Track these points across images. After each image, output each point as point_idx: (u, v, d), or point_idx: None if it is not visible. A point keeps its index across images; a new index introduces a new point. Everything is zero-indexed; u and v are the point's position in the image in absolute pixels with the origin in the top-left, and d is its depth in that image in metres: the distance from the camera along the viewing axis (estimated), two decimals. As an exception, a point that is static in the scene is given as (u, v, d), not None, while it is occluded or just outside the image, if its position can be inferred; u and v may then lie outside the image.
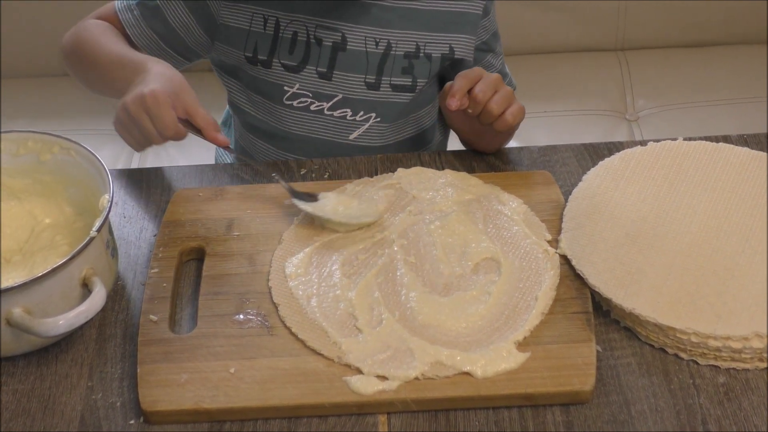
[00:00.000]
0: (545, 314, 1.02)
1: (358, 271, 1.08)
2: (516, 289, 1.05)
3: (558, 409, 0.97)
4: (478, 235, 1.10)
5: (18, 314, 0.97)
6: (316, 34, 1.27)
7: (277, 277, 1.08)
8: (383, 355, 0.99)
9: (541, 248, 1.08)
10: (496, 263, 1.07)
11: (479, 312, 1.03)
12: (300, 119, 1.32)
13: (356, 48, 1.27)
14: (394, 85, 1.29)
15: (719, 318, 0.99)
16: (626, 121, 1.96)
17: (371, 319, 1.03)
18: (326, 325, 1.02)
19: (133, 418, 0.98)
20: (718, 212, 1.10)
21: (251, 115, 1.35)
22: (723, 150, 1.17)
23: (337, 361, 0.99)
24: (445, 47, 1.29)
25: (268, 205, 1.17)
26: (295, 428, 0.97)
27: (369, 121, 1.31)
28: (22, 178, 1.14)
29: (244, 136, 1.39)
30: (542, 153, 1.25)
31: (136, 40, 1.30)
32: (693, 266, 1.04)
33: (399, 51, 1.28)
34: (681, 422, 0.95)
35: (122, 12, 1.30)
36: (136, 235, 1.16)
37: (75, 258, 0.99)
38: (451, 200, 1.15)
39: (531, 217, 1.13)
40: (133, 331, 1.05)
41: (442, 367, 0.98)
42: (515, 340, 1.00)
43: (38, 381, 1.02)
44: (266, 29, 1.28)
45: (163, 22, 1.30)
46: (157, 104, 1.11)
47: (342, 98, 1.30)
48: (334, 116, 1.31)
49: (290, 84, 1.30)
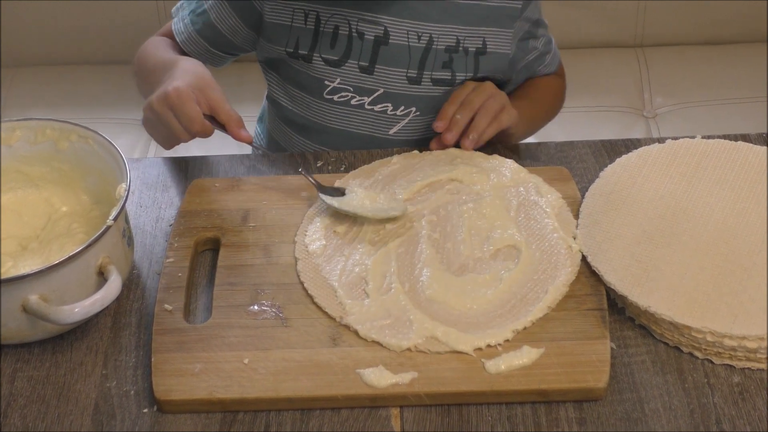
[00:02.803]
0: (552, 309, 1.02)
1: (384, 239, 1.09)
2: (529, 279, 1.05)
3: (571, 406, 0.97)
4: (506, 221, 1.11)
5: (34, 301, 0.98)
6: (359, 27, 1.27)
7: (303, 236, 1.10)
8: (382, 322, 1.01)
9: (566, 244, 1.08)
10: (516, 252, 1.08)
11: (486, 296, 1.03)
12: (340, 114, 1.32)
13: (399, 42, 1.27)
14: (435, 80, 1.29)
15: (736, 317, 0.98)
16: (644, 118, 1.95)
17: (381, 286, 1.04)
18: (337, 285, 1.04)
19: (147, 406, 0.98)
20: (735, 211, 1.09)
21: (289, 109, 1.35)
22: (741, 149, 1.17)
23: (339, 321, 1.01)
24: (479, 41, 1.29)
25: (284, 196, 1.17)
26: (307, 420, 0.97)
27: (409, 116, 1.31)
28: (39, 165, 1.14)
29: (279, 130, 1.39)
30: (559, 149, 1.25)
31: (185, 47, 1.34)
32: (710, 265, 1.03)
33: (440, 45, 1.28)
34: (695, 421, 0.95)
35: (175, 23, 1.36)
36: (152, 224, 1.17)
37: (91, 246, 1.00)
38: (491, 184, 1.15)
39: (565, 213, 1.12)
40: (147, 320, 1.06)
41: (436, 342, 0.99)
42: (514, 328, 1.00)
43: (53, 368, 1.02)
44: (307, 24, 1.28)
45: (211, 27, 1.33)
46: (181, 100, 1.12)
47: (383, 92, 1.30)
48: (375, 111, 1.31)
49: (331, 78, 1.30)
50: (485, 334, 0.99)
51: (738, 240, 1.06)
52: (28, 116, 1.15)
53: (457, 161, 1.19)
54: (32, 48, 2.06)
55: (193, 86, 1.13)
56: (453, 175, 1.17)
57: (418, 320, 1.01)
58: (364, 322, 1.01)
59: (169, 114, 1.13)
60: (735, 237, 1.06)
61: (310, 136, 1.35)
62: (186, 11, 1.35)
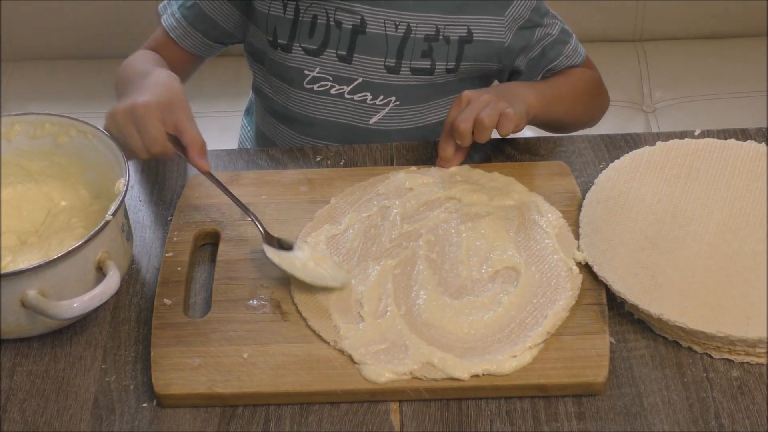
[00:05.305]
0: (551, 334, 0.99)
1: (378, 259, 1.07)
2: (528, 303, 1.02)
3: (570, 400, 0.97)
4: (505, 242, 1.08)
5: (33, 296, 0.98)
6: (336, 16, 1.27)
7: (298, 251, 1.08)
8: (378, 347, 0.99)
9: (567, 266, 1.05)
10: (515, 273, 1.05)
11: (485, 320, 1.01)
12: (320, 103, 1.32)
13: (376, 31, 1.27)
14: (414, 69, 1.29)
15: (749, 320, 0.98)
16: (643, 112, 1.95)
17: (377, 309, 1.03)
18: (332, 308, 1.02)
19: (146, 401, 0.98)
20: (734, 211, 1.09)
21: (273, 100, 1.35)
22: (733, 147, 1.16)
23: (333, 345, 0.99)
24: (463, 30, 1.28)
25: (283, 190, 1.17)
26: (306, 414, 0.97)
27: (389, 105, 1.31)
28: (39, 160, 1.14)
29: (265, 121, 1.39)
30: (558, 143, 1.24)
31: (180, 42, 1.34)
32: (715, 267, 1.03)
33: (419, 34, 1.27)
34: (694, 415, 0.95)
35: (166, 20, 1.35)
36: (151, 219, 1.17)
37: (90, 241, 1.00)
38: (491, 204, 1.13)
39: (565, 233, 1.09)
40: (147, 315, 1.06)
41: (432, 368, 0.97)
42: (512, 354, 0.98)
43: (52, 363, 1.02)
44: (286, 13, 1.28)
45: (204, 17, 1.33)
46: (146, 116, 1.07)
47: (362, 82, 1.30)
48: (355, 100, 1.31)
49: (310, 68, 1.30)
50: (483, 360, 0.97)
51: (740, 240, 1.05)
52: (27, 111, 1.15)
53: (455, 178, 1.16)
54: (32, 42, 2.05)
55: (162, 103, 1.09)
56: (451, 193, 1.14)
57: (414, 345, 0.99)
58: (359, 347, 0.99)
59: (131, 129, 1.08)
60: (737, 237, 1.06)
61: (294, 127, 1.35)
62: (174, 6, 1.34)
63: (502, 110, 1.14)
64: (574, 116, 1.35)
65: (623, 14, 2.04)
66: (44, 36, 2.04)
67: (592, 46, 2.08)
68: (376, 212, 1.12)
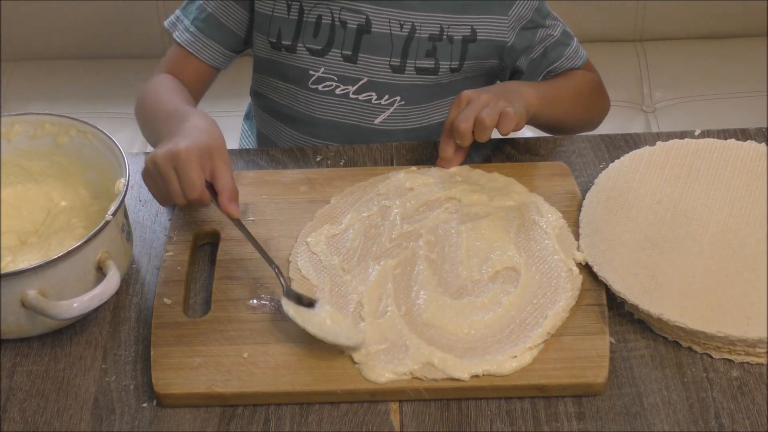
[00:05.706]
0: (551, 334, 1.00)
1: (378, 258, 1.07)
2: (529, 303, 1.02)
3: (570, 401, 0.97)
4: (505, 243, 1.08)
5: (33, 296, 0.98)
6: (341, 16, 1.27)
7: (299, 251, 1.08)
8: (378, 347, 0.99)
9: (567, 266, 1.05)
10: (516, 274, 1.05)
11: (485, 321, 1.01)
12: (325, 104, 1.32)
13: (381, 30, 1.27)
14: (418, 68, 1.29)
15: (749, 319, 0.98)
16: (643, 112, 1.95)
17: (377, 309, 1.03)
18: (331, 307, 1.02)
19: (146, 400, 0.98)
20: (734, 211, 1.09)
21: (276, 101, 1.35)
22: (732, 147, 1.16)
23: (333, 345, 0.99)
24: (466, 29, 1.28)
25: (283, 190, 1.17)
26: (306, 414, 0.97)
27: (394, 105, 1.31)
28: (39, 160, 1.14)
29: (267, 123, 1.39)
30: (558, 143, 1.24)
31: (200, 55, 1.33)
32: (716, 267, 1.03)
33: (423, 33, 1.28)
34: (694, 415, 0.95)
35: (180, 36, 1.33)
36: (151, 219, 1.17)
37: (90, 241, 1.00)
38: (491, 204, 1.12)
39: (565, 233, 1.09)
40: (147, 315, 1.06)
41: (432, 369, 0.97)
42: (512, 354, 0.98)
43: (52, 363, 1.02)
44: (290, 14, 1.28)
45: (220, 28, 1.32)
46: (187, 162, 1.05)
47: (367, 81, 1.30)
48: (360, 100, 1.31)
49: (315, 68, 1.30)
50: (483, 361, 0.97)
51: (740, 240, 1.05)
52: (27, 111, 1.15)
53: (455, 179, 1.16)
54: (32, 42, 2.05)
55: (202, 149, 1.07)
56: (451, 193, 1.14)
57: (415, 345, 0.99)
58: None
59: (171, 174, 1.06)
60: (737, 238, 1.06)
61: (298, 127, 1.35)
62: (188, 21, 1.33)
63: (502, 109, 1.14)
64: (574, 118, 1.35)
65: (623, 14, 2.04)
66: (44, 36, 2.04)
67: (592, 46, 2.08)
68: (376, 212, 1.13)
